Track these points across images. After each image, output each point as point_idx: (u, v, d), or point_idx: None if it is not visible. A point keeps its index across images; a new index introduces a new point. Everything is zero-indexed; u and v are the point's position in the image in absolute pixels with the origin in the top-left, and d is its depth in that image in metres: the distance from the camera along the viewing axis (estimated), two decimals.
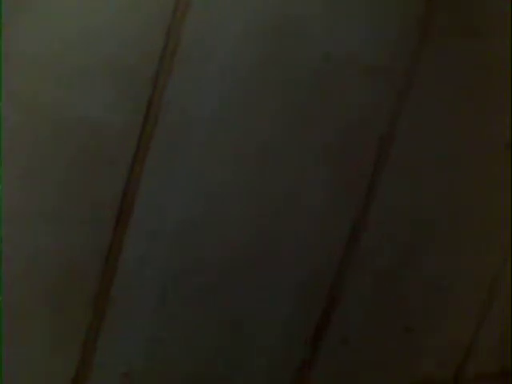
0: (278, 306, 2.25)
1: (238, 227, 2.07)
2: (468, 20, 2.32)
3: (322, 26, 2.00)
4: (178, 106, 1.84)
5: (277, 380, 2.37)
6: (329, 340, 2.43)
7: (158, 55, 1.76)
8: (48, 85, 1.64)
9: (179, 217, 1.95)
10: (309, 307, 2.33)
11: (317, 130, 2.11)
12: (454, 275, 2.70)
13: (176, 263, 1.99)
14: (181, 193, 1.93)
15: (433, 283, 2.64)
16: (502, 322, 2.98)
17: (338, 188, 2.23)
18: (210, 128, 1.91)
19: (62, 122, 1.68)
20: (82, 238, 1.81)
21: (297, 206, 2.16)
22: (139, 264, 1.93)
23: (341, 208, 2.27)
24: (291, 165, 2.10)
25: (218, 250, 2.06)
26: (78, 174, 1.75)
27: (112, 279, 1.90)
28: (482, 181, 2.61)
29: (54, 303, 1.83)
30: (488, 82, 2.46)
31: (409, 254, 2.52)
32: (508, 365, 3.10)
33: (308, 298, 2.31)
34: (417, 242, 2.52)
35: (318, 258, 2.28)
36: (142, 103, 1.78)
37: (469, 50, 2.37)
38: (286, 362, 2.36)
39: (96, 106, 1.72)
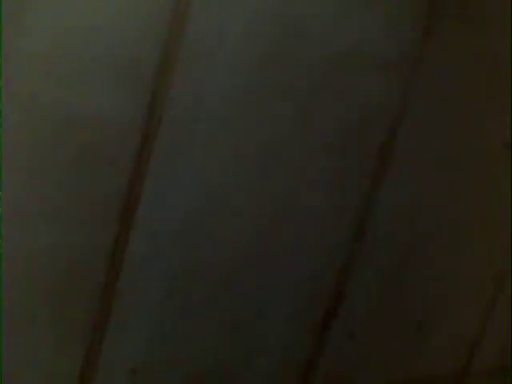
0: (278, 306, 2.25)
1: (238, 227, 2.07)
2: (469, 20, 2.32)
3: (322, 25, 2.00)
4: (179, 106, 1.84)
5: (281, 376, 2.37)
6: (330, 339, 2.43)
7: (158, 55, 1.76)
8: (48, 85, 1.64)
9: (180, 217, 1.95)
10: (309, 307, 2.33)
11: (317, 130, 2.11)
12: (454, 275, 2.70)
13: (177, 263, 1.99)
14: (183, 192, 1.93)
15: (433, 283, 2.64)
16: (503, 321, 2.98)
17: (337, 188, 2.23)
18: (211, 129, 1.91)
19: (62, 121, 1.68)
20: (83, 238, 1.81)
21: (297, 206, 2.16)
22: (142, 264, 1.93)
23: (341, 208, 2.27)
24: (291, 165, 2.10)
25: (219, 249, 2.06)
26: (79, 174, 1.75)
27: (115, 279, 1.90)
28: (481, 181, 2.61)
29: (54, 303, 1.83)
30: (488, 81, 2.46)
31: (409, 254, 2.52)
32: (508, 363, 3.11)
33: (308, 298, 2.31)
34: (417, 242, 2.52)
35: (318, 257, 2.28)
36: (142, 103, 1.78)
37: (469, 50, 2.37)
38: (287, 361, 2.36)
39: (96, 106, 1.72)
